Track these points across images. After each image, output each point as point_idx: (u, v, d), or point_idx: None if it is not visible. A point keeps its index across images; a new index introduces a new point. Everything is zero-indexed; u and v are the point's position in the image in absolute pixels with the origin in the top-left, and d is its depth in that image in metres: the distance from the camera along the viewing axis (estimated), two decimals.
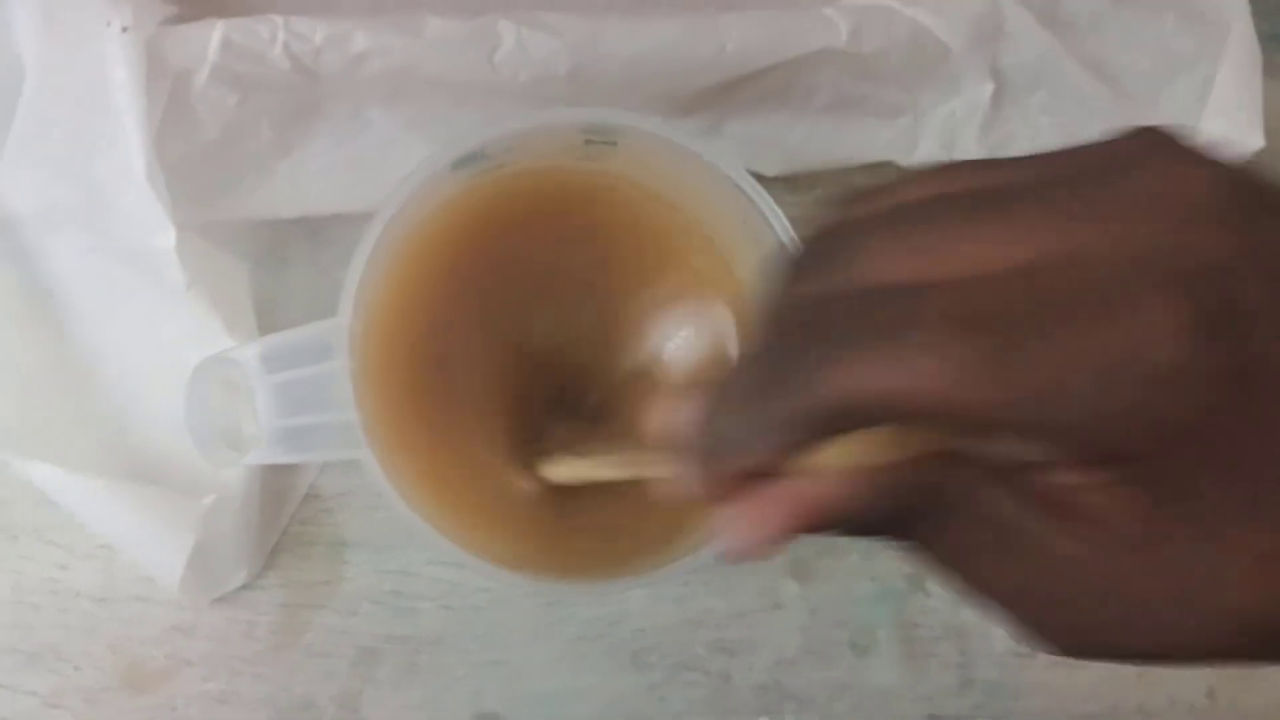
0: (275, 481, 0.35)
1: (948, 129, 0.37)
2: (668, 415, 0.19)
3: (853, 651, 0.37)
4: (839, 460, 0.18)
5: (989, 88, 0.36)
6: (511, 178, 0.30)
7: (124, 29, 0.30)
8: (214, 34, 0.31)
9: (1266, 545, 0.15)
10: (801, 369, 0.16)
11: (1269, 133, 0.35)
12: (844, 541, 0.38)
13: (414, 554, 0.36)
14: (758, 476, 0.18)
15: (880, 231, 0.17)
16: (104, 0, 0.30)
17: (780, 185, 0.37)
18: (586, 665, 0.36)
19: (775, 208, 0.29)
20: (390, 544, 0.36)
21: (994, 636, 0.38)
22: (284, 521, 0.35)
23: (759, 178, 0.36)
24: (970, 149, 0.37)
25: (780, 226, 0.29)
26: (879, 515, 0.18)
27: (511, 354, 0.32)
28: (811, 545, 0.38)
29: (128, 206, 0.32)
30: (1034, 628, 0.18)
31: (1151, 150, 0.16)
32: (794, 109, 0.37)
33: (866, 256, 0.17)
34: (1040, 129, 0.36)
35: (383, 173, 0.35)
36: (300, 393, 0.27)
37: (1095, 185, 0.16)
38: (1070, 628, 0.18)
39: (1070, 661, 0.37)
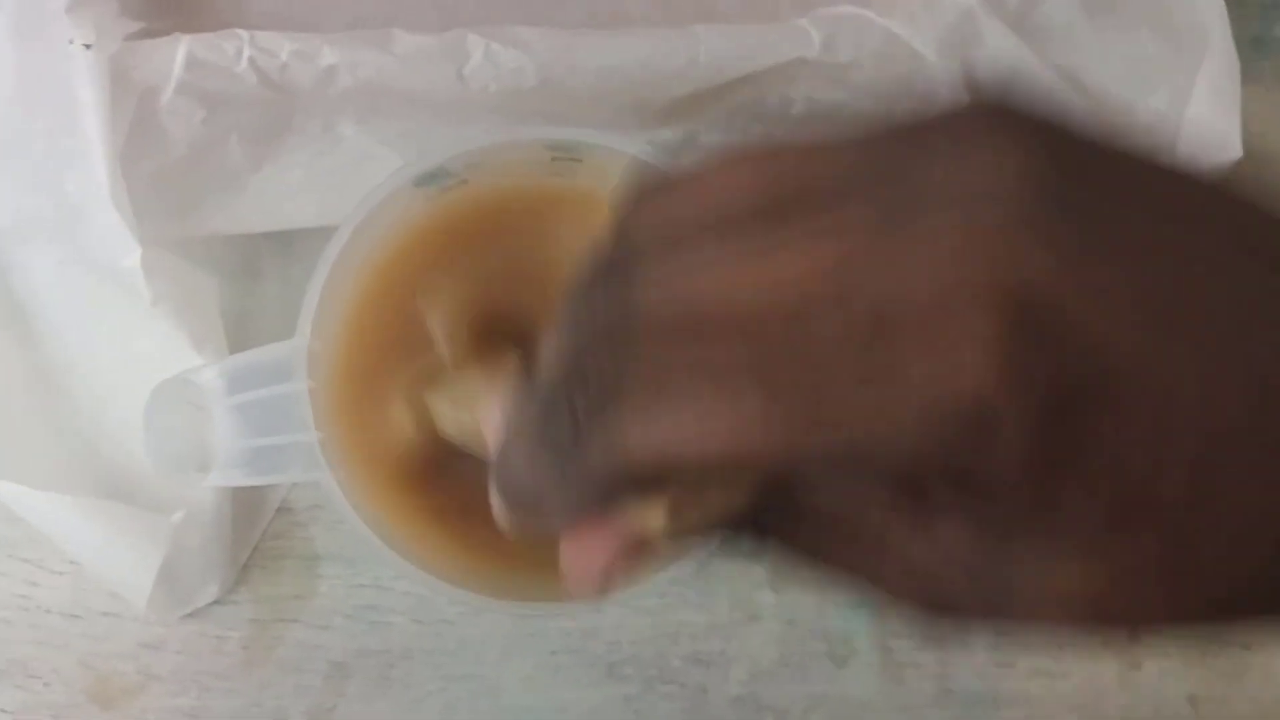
0: (247, 496, 0.35)
1: None
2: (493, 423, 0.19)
3: (831, 662, 0.37)
4: (662, 505, 0.17)
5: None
6: (476, 194, 0.30)
7: (87, 46, 0.30)
8: (179, 50, 0.31)
9: (1080, 571, 0.15)
10: (587, 429, 0.15)
11: (1259, 137, 0.35)
12: None
13: (386, 568, 0.36)
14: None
15: (673, 250, 0.15)
16: (68, 17, 0.30)
17: None
18: (561, 679, 0.36)
19: None
20: (362, 557, 0.36)
21: (974, 646, 0.37)
22: (256, 536, 0.35)
23: None
24: None
25: None
26: (719, 534, 0.18)
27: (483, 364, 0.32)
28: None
29: (96, 223, 0.32)
30: (890, 607, 0.17)
31: (971, 131, 0.14)
32: (769, 121, 0.36)
33: (655, 279, 0.15)
34: None
35: (356, 188, 0.34)
36: (262, 414, 0.27)
37: (914, 181, 0.14)
38: (919, 610, 0.17)
39: (1052, 670, 0.37)
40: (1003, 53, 0.34)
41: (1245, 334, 0.14)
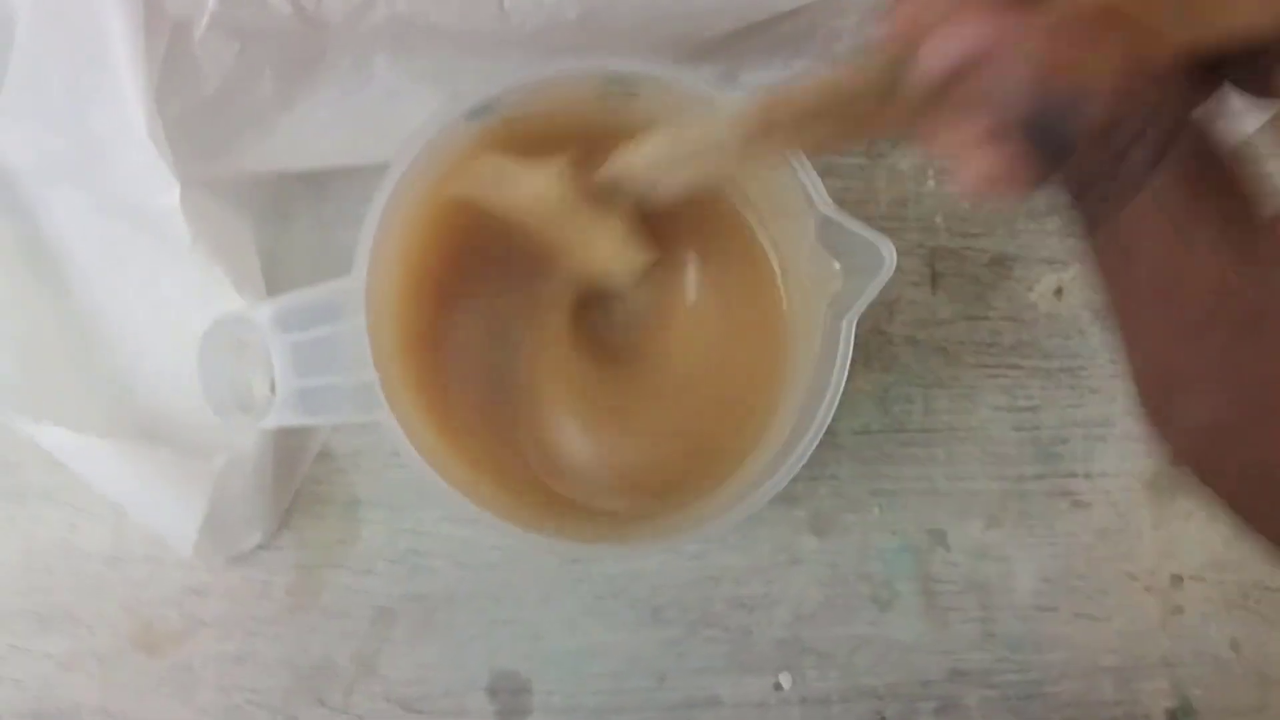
0: (287, 441, 0.34)
1: None
2: None
3: (874, 606, 0.37)
4: None
5: None
6: (528, 129, 0.29)
7: None
8: None
9: None
10: None
11: None
12: (864, 495, 0.37)
13: (427, 512, 0.35)
14: None
15: None
16: None
17: None
18: (604, 622, 0.36)
19: (804, 160, 0.28)
20: (404, 503, 0.35)
21: (1016, 590, 0.37)
22: (297, 481, 0.35)
23: None
24: None
25: (808, 178, 0.29)
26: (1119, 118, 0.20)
27: (538, 303, 0.32)
28: (831, 500, 0.37)
29: (128, 163, 0.31)
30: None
31: None
32: (813, 55, 0.35)
33: None
34: None
35: (387, 125, 0.33)
36: (315, 353, 0.27)
37: None
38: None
39: (1095, 614, 0.37)
40: None
41: None
